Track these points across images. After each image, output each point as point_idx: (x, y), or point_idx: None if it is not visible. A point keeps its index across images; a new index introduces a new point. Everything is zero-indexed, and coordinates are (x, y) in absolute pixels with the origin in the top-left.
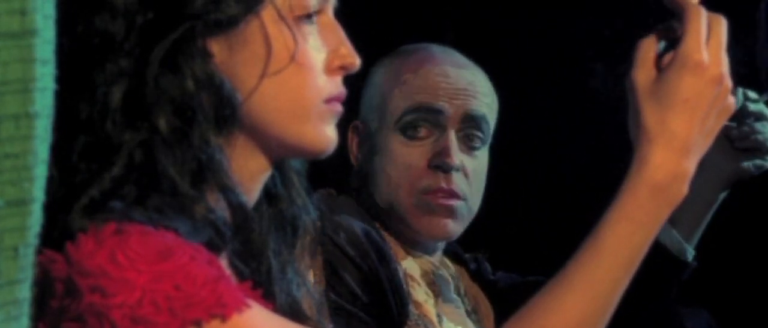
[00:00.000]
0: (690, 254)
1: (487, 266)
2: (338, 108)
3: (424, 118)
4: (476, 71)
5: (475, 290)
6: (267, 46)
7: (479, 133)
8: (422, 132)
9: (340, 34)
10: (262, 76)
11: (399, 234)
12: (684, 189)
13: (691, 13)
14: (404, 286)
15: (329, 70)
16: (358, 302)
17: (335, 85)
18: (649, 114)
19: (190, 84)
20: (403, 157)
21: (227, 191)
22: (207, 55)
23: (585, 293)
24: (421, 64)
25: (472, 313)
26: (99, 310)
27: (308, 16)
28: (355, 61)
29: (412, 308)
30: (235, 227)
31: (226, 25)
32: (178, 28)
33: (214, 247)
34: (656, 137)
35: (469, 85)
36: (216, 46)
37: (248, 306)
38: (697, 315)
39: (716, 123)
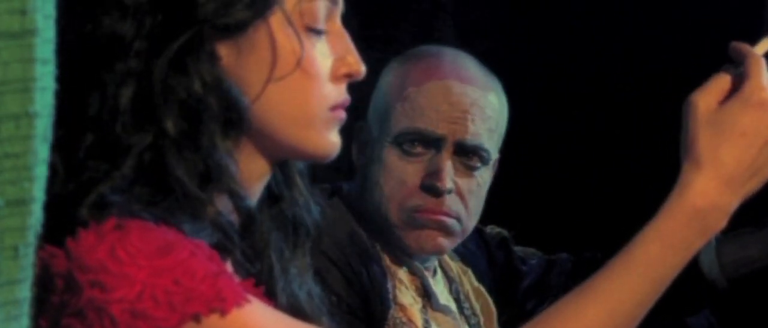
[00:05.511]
0: (722, 284)
1: (517, 254)
2: (342, 115)
3: (421, 141)
4: (485, 83)
5: (479, 291)
6: (273, 52)
7: (476, 158)
8: (418, 149)
9: (348, 41)
10: (268, 81)
11: (389, 242)
12: (722, 222)
13: (754, 59)
14: (389, 288)
15: (335, 77)
16: (342, 305)
17: (340, 93)
18: (703, 140)
19: (197, 86)
20: (398, 172)
21: (234, 194)
22: (215, 59)
23: (606, 306)
24: (426, 79)
25: (472, 316)
26: (99, 305)
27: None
28: (361, 70)
29: (395, 311)
30: (241, 229)
31: (235, 30)
32: (187, 31)
33: (223, 249)
34: (705, 164)
35: (472, 106)
36: (224, 50)
37: (248, 301)
38: (697, 309)
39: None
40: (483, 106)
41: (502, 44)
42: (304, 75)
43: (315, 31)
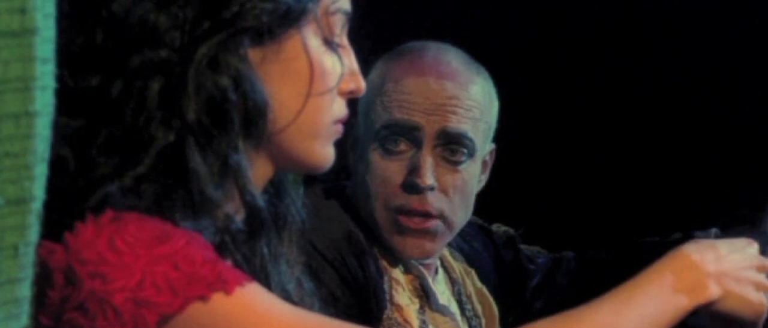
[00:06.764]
0: None
1: (524, 253)
2: (340, 129)
3: (400, 134)
4: (467, 77)
5: (482, 293)
6: (303, 64)
7: (461, 149)
8: (401, 146)
9: (353, 57)
10: (308, 95)
11: (383, 242)
12: (708, 291)
13: None
14: (385, 289)
15: (341, 92)
16: (339, 305)
17: (342, 108)
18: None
19: (227, 84)
20: (381, 171)
21: (248, 195)
22: (246, 60)
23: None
24: (404, 75)
25: (474, 318)
26: (100, 296)
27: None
28: (364, 88)
29: (390, 311)
30: (247, 231)
31: (268, 36)
32: (223, 31)
33: (224, 250)
34: (704, 243)
35: (450, 100)
36: (255, 53)
37: (249, 281)
38: (697, 311)
39: (746, 288)
40: (462, 99)
41: (503, 44)
42: (324, 89)
43: (331, 44)
